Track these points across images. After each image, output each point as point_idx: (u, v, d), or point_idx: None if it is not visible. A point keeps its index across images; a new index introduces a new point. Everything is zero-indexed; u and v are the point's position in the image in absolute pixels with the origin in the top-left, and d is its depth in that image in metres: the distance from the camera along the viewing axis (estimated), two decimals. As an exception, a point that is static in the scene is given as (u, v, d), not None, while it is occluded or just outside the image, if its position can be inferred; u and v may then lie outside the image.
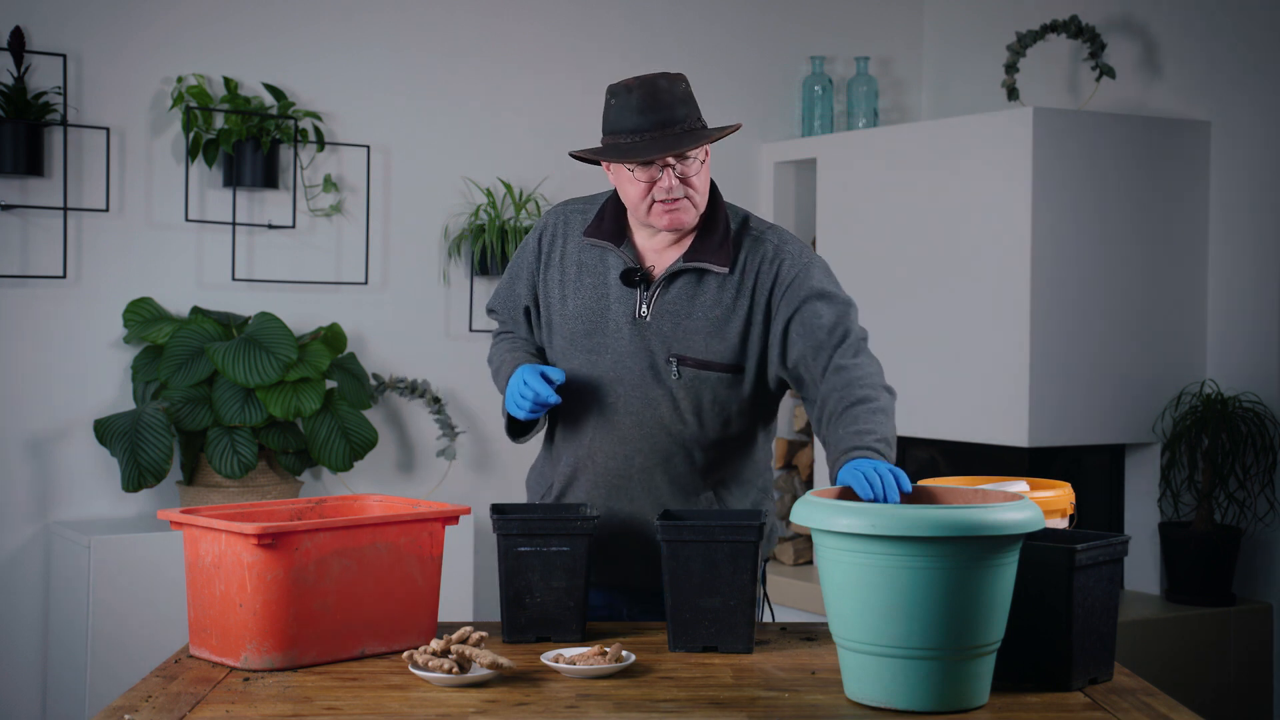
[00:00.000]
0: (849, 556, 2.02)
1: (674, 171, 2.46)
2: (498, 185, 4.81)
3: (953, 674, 2.02)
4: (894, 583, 1.99)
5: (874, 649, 2.03)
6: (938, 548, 1.97)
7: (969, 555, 1.98)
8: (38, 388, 4.20)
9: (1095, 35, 4.58)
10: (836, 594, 2.06)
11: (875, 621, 2.01)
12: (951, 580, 1.98)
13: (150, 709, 2.03)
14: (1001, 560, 2.02)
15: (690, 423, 2.55)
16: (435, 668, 2.13)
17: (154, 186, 4.36)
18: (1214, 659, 4.22)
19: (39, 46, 4.19)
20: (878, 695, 2.04)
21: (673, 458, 2.57)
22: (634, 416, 2.56)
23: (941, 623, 1.99)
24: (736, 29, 5.26)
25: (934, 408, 4.56)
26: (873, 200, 4.74)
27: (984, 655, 2.04)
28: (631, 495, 2.58)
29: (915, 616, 1.99)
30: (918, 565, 1.98)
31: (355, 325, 4.61)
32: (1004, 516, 1.99)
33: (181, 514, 2.32)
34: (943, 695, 2.02)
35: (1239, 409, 4.26)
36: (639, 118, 2.45)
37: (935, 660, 2.01)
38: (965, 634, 2.00)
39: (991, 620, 2.03)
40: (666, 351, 2.54)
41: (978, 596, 2.00)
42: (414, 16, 4.73)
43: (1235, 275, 4.45)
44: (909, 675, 2.01)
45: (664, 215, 2.49)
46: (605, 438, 2.58)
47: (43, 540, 4.19)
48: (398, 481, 4.69)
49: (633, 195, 2.50)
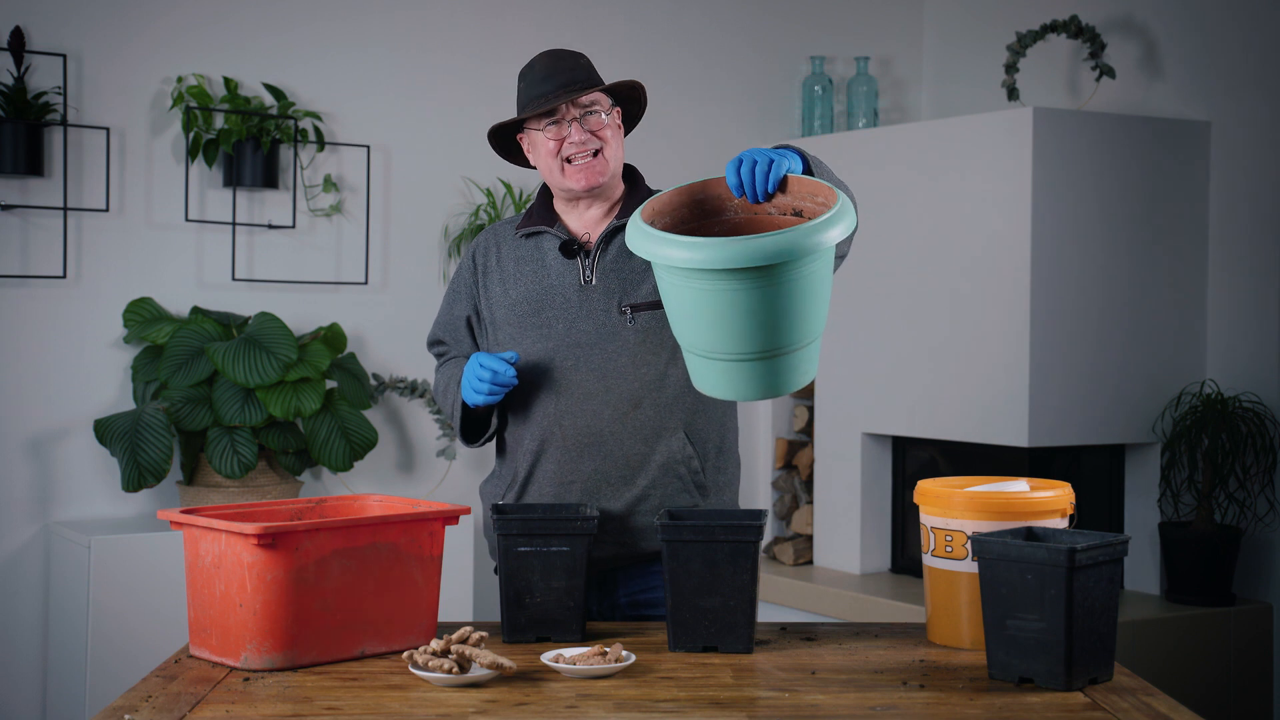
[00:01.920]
0: (666, 276, 2.26)
1: (581, 125, 2.59)
2: (498, 185, 4.81)
3: (774, 369, 2.28)
4: (711, 306, 2.21)
5: (706, 355, 2.30)
6: (744, 276, 2.16)
7: (778, 278, 2.17)
8: (38, 388, 4.21)
9: (1095, 35, 4.58)
10: (668, 307, 2.32)
11: (701, 333, 2.27)
12: (764, 298, 2.19)
13: (150, 709, 2.03)
14: (808, 273, 2.20)
15: (653, 362, 2.60)
16: (435, 668, 2.13)
17: (154, 186, 4.36)
18: (1214, 659, 4.22)
19: (39, 46, 4.19)
20: (718, 389, 2.34)
21: (641, 402, 2.59)
22: (596, 372, 2.60)
23: (760, 333, 2.23)
24: (736, 29, 5.26)
25: (934, 408, 4.56)
26: (873, 200, 4.74)
27: (805, 349, 2.30)
28: (605, 450, 2.59)
29: (731, 331, 2.23)
30: (729, 288, 2.18)
31: (355, 325, 4.61)
32: (804, 241, 2.16)
33: (181, 514, 2.32)
34: (768, 387, 2.31)
35: (1239, 409, 4.26)
36: (544, 84, 2.60)
37: (759, 361, 2.27)
38: (784, 338, 2.25)
39: (808, 321, 2.26)
40: (617, 305, 2.60)
41: (792, 307, 2.22)
42: (414, 16, 4.73)
43: (1235, 275, 4.45)
44: (737, 374, 2.29)
45: (579, 173, 2.61)
46: (569, 400, 2.60)
47: (43, 540, 4.19)
48: (398, 481, 4.69)
49: (546, 159, 2.63)
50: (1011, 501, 2.39)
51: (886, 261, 4.69)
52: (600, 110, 2.61)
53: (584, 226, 2.68)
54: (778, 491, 5.28)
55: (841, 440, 4.88)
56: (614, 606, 2.67)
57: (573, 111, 2.59)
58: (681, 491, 2.61)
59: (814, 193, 2.34)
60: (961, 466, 4.67)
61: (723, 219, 2.44)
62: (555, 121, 2.59)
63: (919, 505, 2.48)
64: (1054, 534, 2.31)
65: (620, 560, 2.64)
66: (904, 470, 4.88)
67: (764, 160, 2.35)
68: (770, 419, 5.27)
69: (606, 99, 2.63)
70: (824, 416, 4.96)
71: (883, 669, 2.26)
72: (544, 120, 2.61)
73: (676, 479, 2.61)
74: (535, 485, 2.64)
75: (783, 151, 2.40)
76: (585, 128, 2.59)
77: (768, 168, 2.34)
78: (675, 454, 2.61)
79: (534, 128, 2.63)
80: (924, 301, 4.59)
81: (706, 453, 2.65)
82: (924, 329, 4.59)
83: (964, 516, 2.39)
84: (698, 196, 2.43)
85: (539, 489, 2.64)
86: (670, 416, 2.61)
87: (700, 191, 2.43)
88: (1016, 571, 2.15)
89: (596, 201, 2.68)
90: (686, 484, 2.62)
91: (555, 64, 2.62)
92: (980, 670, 2.25)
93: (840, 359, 4.85)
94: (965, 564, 2.39)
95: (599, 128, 2.60)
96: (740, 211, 2.43)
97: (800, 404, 5.25)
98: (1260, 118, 4.38)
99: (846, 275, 4.67)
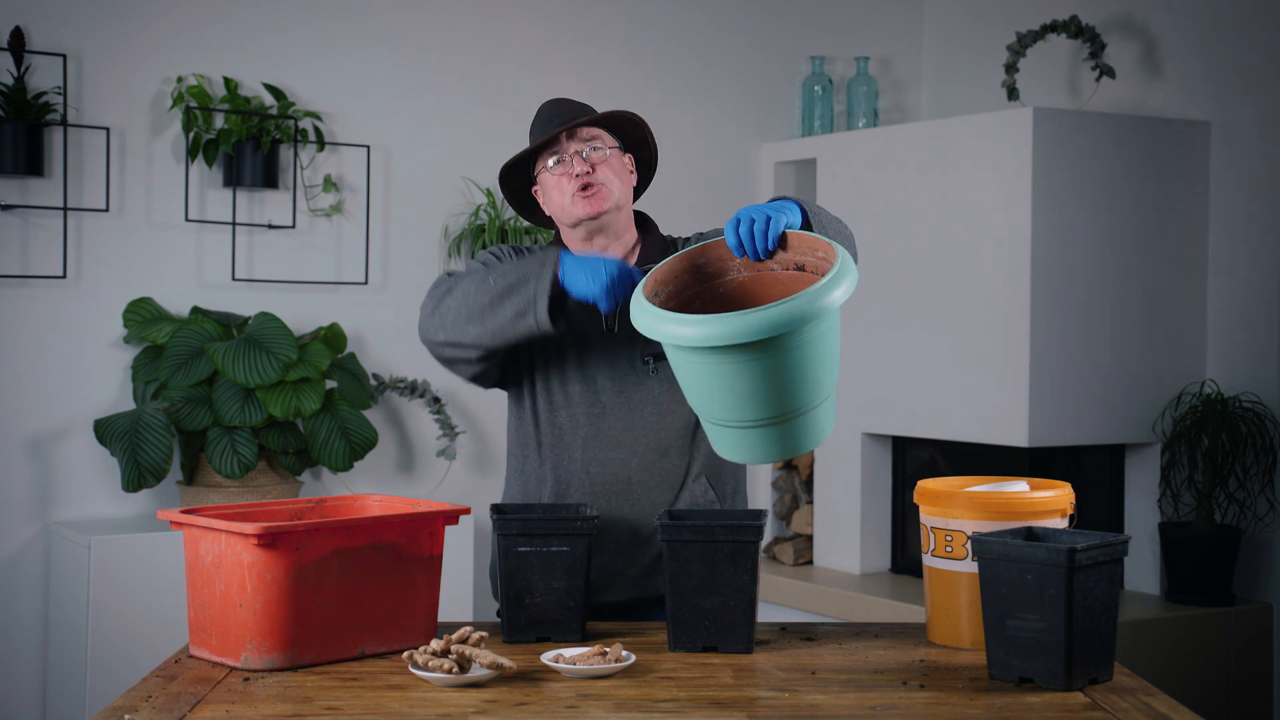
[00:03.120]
0: (673, 351, 2.25)
1: (583, 159, 2.62)
2: (497, 185, 4.81)
3: (790, 431, 2.28)
4: (720, 378, 2.21)
5: (721, 423, 2.30)
6: (749, 349, 2.15)
7: (784, 347, 2.17)
8: (38, 388, 4.21)
9: (1095, 35, 4.58)
10: (679, 379, 2.31)
11: (714, 403, 2.27)
12: (769, 368, 2.19)
13: (150, 709, 2.03)
14: (814, 337, 2.21)
15: (677, 411, 2.59)
16: (435, 668, 2.13)
17: (154, 186, 4.36)
18: (1214, 659, 4.22)
19: (39, 46, 4.19)
20: (737, 454, 2.34)
21: (668, 451, 2.59)
22: (623, 421, 2.58)
23: (771, 400, 2.23)
24: (736, 29, 5.26)
25: (934, 408, 4.56)
26: (873, 200, 4.74)
27: (819, 407, 2.30)
28: (633, 499, 2.59)
29: (742, 400, 2.23)
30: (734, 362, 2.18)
31: (355, 325, 4.61)
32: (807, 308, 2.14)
33: (181, 514, 2.32)
34: (787, 449, 2.31)
35: (1239, 409, 4.26)
36: (548, 125, 2.64)
37: (774, 426, 2.27)
38: (795, 402, 2.25)
39: (819, 382, 2.27)
40: (639, 354, 2.59)
41: (800, 372, 2.22)
42: (414, 16, 4.73)
43: (1235, 275, 4.45)
44: (754, 439, 2.29)
45: (582, 201, 2.61)
46: (597, 449, 2.59)
47: (43, 540, 4.19)
48: (398, 481, 4.69)
49: (557, 198, 2.64)
50: (1011, 501, 2.39)
51: (887, 262, 4.69)
52: (603, 147, 2.63)
53: None
54: (778, 491, 5.28)
55: (841, 440, 4.88)
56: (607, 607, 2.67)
57: (574, 146, 2.62)
58: None
59: (814, 248, 2.35)
60: (961, 466, 4.67)
61: (725, 279, 2.43)
62: (559, 159, 2.62)
63: (919, 505, 2.48)
64: (1054, 534, 2.31)
65: (636, 604, 2.64)
66: (904, 470, 4.88)
67: (761, 218, 2.35)
68: (770, 419, 5.27)
69: (611, 139, 2.66)
70: (824, 416, 4.96)
71: (883, 669, 2.26)
72: (549, 159, 2.63)
73: None
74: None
75: (780, 205, 2.40)
76: (587, 161, 2.62)
77: (765, 225, 2.34)
78: (697, 500, 2.61)
79: (542, 170, 2.65)
80: (924, 301, 4.59)
81: (724, 494, 2.66)
82: (924, 329, 4.59)
83: (964, 516, 2.39)
84: (698, 261, 2.42)
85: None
86: (694, 463, 2.62)
87: (700, 256, 2.42)
88: (1016, 571, 2.15)
89: (611, 244, 2.66)
90: None
91: (558, 108, 2.67)
92: (980, 670, 2.25)
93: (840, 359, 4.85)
94: (965, 564, 2.39)
95: (599, 161, 2.62)
96: (743, 270, 2.42)
97: (800, 404, 5.24)
98: (1260, 118, 4.38)
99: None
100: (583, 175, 2.60)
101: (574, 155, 2.61)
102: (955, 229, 4.50)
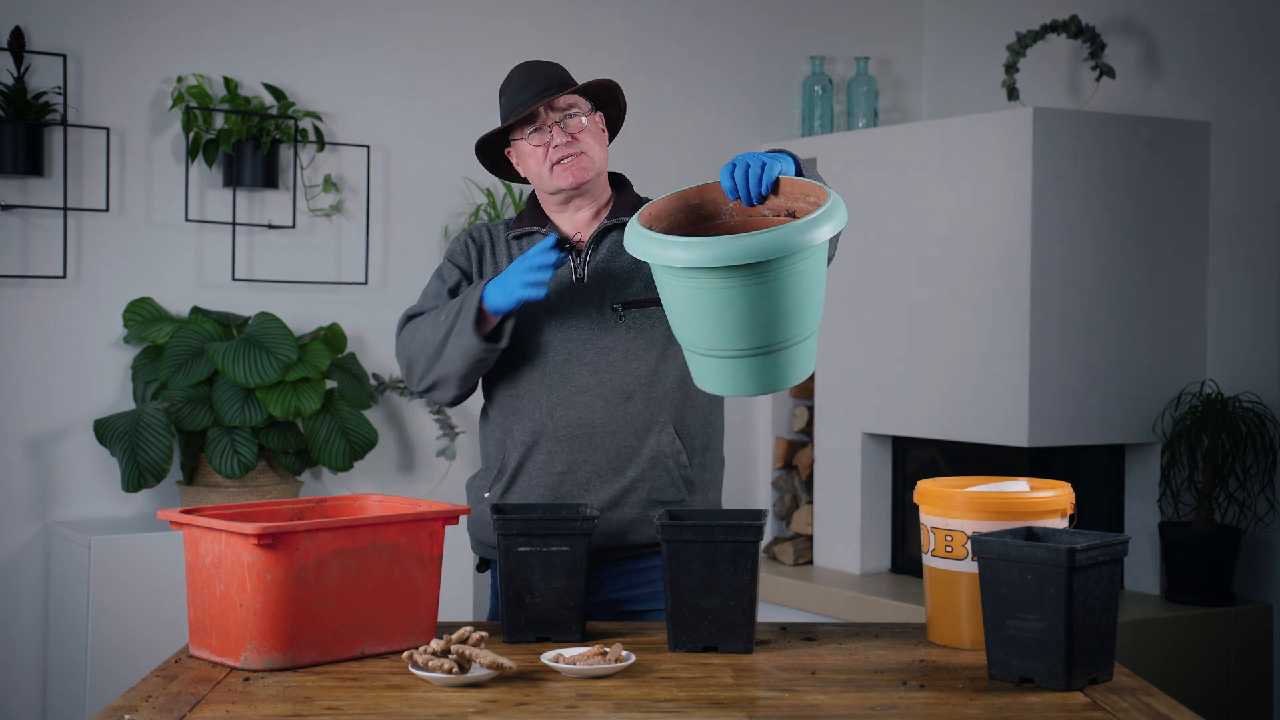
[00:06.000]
0: (664, 276, 2.29)
1: (561, 129, 2.65)
2: (497, 185, 4.81)
3: (771, 364, 2.32)
4: (708, 304, 2.25)
5: (705, 352, 2.34)
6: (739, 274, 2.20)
7: (772, 275, 2.21)
8: (38, 388, 4.21)
9: (1095, 35, 4.58)
10: (667, 308, 2.36)
11: (700, 331, 2.31)
12: (759, 295, 2.23)
13: (150, 709, 2.03)
14: (801, 270, 2.24)
15: (644, 358, 2.64)
16: (435, 668, 2.13)
17: (154, 186, 4.36)
18: (1214, 659, 4.22)
19: (39, 46, 4.19)
20: (718, 386, 2.38)
21: (632, 396, 2.64)
22: (589, 366, 2.64)
23: (756, 329, 2.27)
24: (736, 29, 5.26)
25: (934, 408, 4.56)
26: (873, 200, 4.74)
27: (801, 344, 2.33)
28: (596, 442, 2.63)
29: (728, 328, 2.27)
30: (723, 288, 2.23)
31: (355, 325, 4.61)
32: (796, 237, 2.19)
33: (181, 514, 2.32)
34: (766, 382, 2.35)
35: (1239, 409, 4.26)
36: (522, 93, 2.65)
37: (756, 357, 2.31)
38: (780, 334, 2.29)
39: (804, 317, 2.30)
40: (609, 302, 2.65)
41: (786, 303, 2.26)
42: (414, 17, 4.73)
43: (1235, 275, 4.45)
44: (735, 370, 2.33)
45: (566, 171, 2.66)
46: (562, 393, 2.64)
47: (43, 540, 4.19)
48: (398, 481, 4.69)
49: (535, 166, 2.68)
50: (1011, 501, 2.39)
51: (886, 261, 4.69)
52: (579, 114, 2.67)
53: (575, 228, 2.73)
54: (778, 491, 5.28)
55: (841, 440, 4.88)
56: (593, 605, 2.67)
57: (552, 116, 2.65)
58: (669, 485, 2.65)
59: (806, 193, 2.39)
60: (961, 466, 4.67)
61: (719, 222, 2.49)
62: (537, 128, 2.66)
63: (919, 505, 2.48)
64: (1054, 534, 2.31)
65: (606, 554, 2.65)
66: (904, 470, 4.88)
67: (756, 164, 2.40)
68: (770, 419, 5.27)
69: (585, 102, 2.70)
70: (824, 416, 4.96)
71: (883, 669, 2.26)
72: (527, 129, 2.67)
73: (665, 472, 2.65)
74: (525, 477, 2.67)
75: (775, 155, 2.45)
76: (566, 130, 2.65)
77: (760, 171, 2.40)
78: (664, 448, 2.64)
79: (519, 138, 2.69)
80: (924, 301, 4.59)
81: (694, 448, 2.69)
82: (924, 329, 4.59)
83: (964, 516, 2.39)
84: (693, 201, 2.47)
85: (529, 480, 2.66)
86: (660, 411, 2.65)
87: (696, 196, 2.47)
88: (1016, 571, 2.15)
89: (586, 204, 2.73)
90: (674, 478, 2.65)
91: (531, 74, 2.68)
92: (980, 670, 2.25)
93: (840, 359, 4.85)
94: (965, 564, 2.39)
95: (578, 130, 2.67)
96: (735, 214, 2.48)
97: (800, 404, 5.25)
98: (1260, 118, 4.38)
99: (847, 275, 4.67)
100: (563, 146, 2.65)
101: (553, 125, 2.65)
102: (955, 229, 4.50)
